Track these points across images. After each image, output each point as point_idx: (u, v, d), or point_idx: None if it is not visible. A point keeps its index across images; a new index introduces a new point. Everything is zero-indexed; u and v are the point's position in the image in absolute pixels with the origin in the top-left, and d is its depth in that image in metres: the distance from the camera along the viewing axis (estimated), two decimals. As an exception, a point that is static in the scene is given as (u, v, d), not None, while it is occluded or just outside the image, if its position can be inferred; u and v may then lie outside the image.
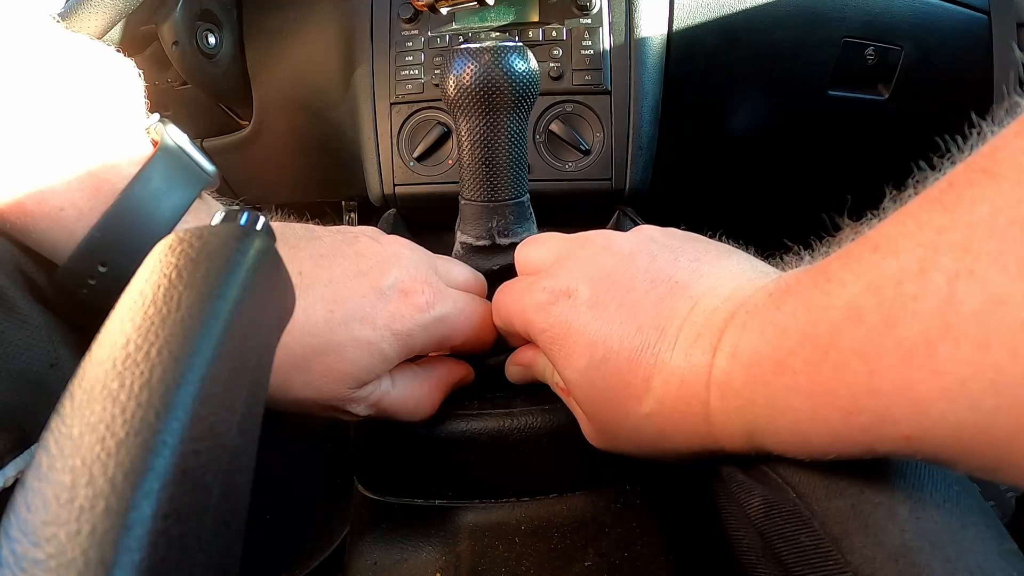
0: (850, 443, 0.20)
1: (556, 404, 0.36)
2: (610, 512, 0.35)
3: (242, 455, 0.18)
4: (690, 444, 0.26)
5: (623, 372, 0.26)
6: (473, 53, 0.34)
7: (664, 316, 0.26)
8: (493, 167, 0.37)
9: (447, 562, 0.34)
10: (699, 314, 0.25)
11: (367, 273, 0.31)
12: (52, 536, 0.14)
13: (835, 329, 0.19)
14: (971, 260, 0.16)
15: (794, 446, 0.22)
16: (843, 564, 0.20)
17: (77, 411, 0.16)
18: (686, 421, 0.25)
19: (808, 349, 0.20)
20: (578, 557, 0.33)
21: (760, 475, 0.25)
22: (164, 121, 0.30)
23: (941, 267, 0.17)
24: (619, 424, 0.27)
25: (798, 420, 0.21)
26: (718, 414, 0.24)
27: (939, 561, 0.19)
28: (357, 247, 0.33)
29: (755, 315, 0.23)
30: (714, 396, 0.24)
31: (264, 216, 0.24)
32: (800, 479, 0.23)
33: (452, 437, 0.35)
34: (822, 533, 0.21)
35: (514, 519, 0.35)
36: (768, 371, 0.21)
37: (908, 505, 0.20)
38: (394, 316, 0.31)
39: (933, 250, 0.17)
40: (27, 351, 0.27)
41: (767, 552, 0.24)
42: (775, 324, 0.22)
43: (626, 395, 0.26)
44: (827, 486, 0.22)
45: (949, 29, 0.61)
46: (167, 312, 0.18)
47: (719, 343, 0.24)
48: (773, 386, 0.21)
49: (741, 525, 0.26)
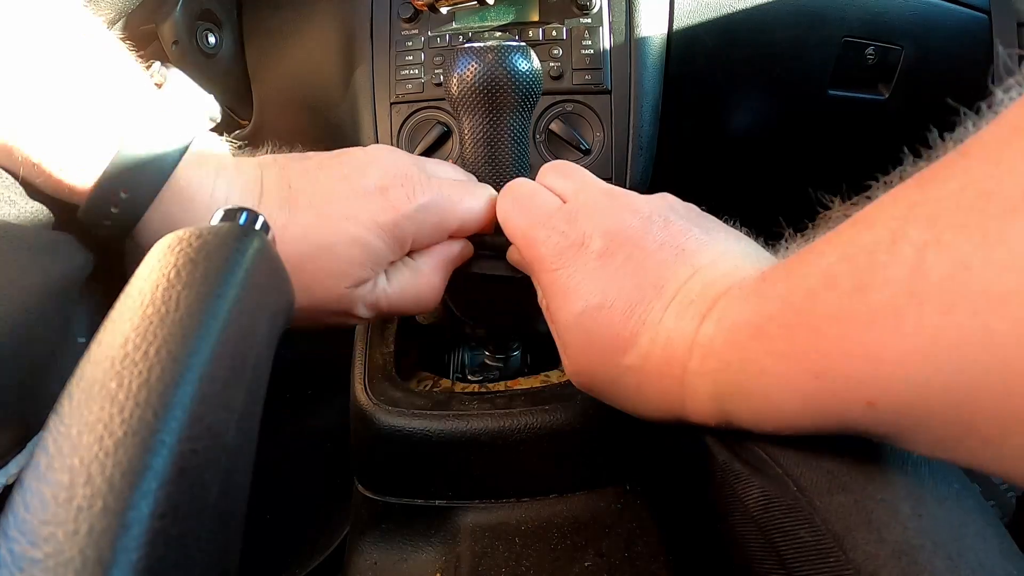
0: (817, 410, 0.21)
1: (556, 404, 0.36)
2: (610, 512, 0.35)
3: (241, 454, 0.18)
4: (660, 404, 0.27)
5: (615, 323, 0.27)
6: (477, 52, 0.34)
7: (664, 278, 0.27)
8: (496, 166, 0.37)
9: (447, 562, 0.34)
10: (697, 282, 0.26)
11: (349, 176, 0.33)
12: (50, 536, 0.14)
13: (811, 295, 0.20)
14: (939, 231, 0.17)
15: (762, 414, 0.23)
16: (845, 562, 0.20)
17: (75, 411, 0.16)
18: (662, 380, 0.26)
19: (786, 314, 0.21)
20: (578, 557, 0.33)
21: (759, 463, 0.24)
22: (167, 66, 0.32)
23: (911, 238, 0.18)
24: (598, 370, 0.29)
25: (770, 384, 0.22)
26: (693, 377, 0.25)
27: (941, 559, 0.19)
28: (342, 157, 0.35)
29: (745, 289, 0.24)
30: (694, 359, 0.25)
31: (263, 215, 0.24)
32: (802, 472, 0.23)
33: (452, 437, 0.35)
34: (824, 530, 0.21)
35: (514, 519, 0.35)
36: (747, 335, 0.22)
37: (910, 502, 0.20)
38: (377, 210, 0.33)
39: (904, 222, 0.18)
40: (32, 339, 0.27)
41: (767, 546, 0.24)
42: (759, 294, 0.23)
43: (613, 345, 0.27)
44: (830, 481, 0.22)
45: (949, 29, 0.61)
46: (166, 312, 0.18)
47: (709, 312, 0.25)
48: (750, 349, 0.22)
49: (740, 519, 0.26)
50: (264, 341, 0.21)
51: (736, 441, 0.26)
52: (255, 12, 0.61)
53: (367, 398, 0.38)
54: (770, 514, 0.23)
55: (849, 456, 0.22)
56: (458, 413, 0.36)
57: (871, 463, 0.22)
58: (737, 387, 0.23)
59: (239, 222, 0.23)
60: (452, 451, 0.36)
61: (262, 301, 0.21)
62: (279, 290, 0.23)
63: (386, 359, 0.41)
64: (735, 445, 0.26)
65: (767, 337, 0.21)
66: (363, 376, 0.39)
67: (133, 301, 0.18)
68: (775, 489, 0.23)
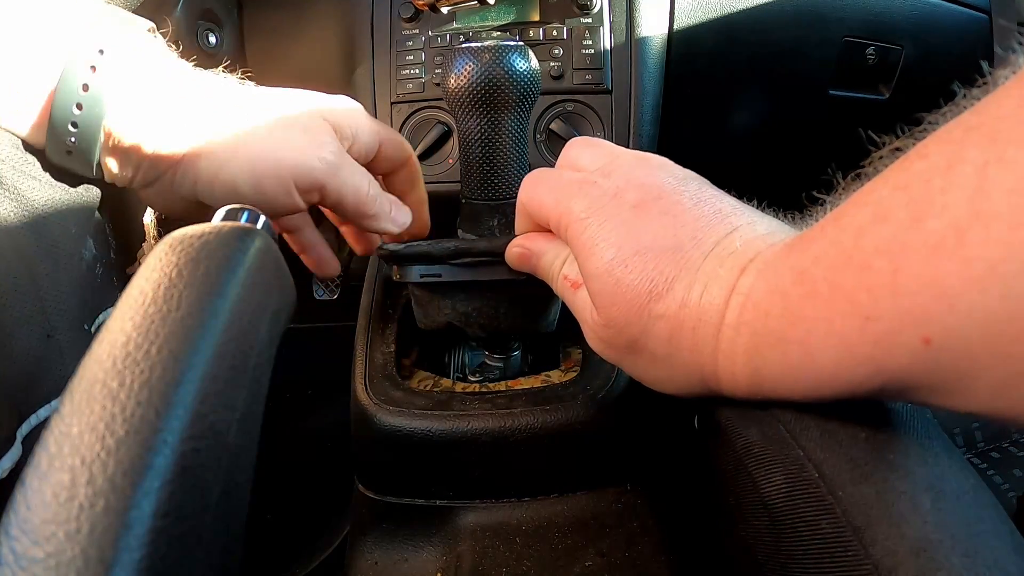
0: (860, 360, 0.19)
1: (556, 404, 0.36)
2: (611, 512, 0.35)
3: (242, 454, 0.18)
4: (688, 365, 0.26)
5: (649, 269, 0.26)
6: (474, 52, 0.34)
7: (702, 230, 0.26)
8: (494, 166, 0.37)
9: (448, 562, 0.34)
10: (736, 238, 0.25)
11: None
12: (52, 535, 0.14)
13: (860, 231, 0.19)
14: (1000, 148, 0.16)
15: (797, 371, 0.22)
16: (863, 556, 0.20)
17: (77, 410, 0.16)
18: (695, 333, 0.25)
19: (832, 255, 0.20)
20: (579, 557, 0.33)
21: (782, 444, 0.24)
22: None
23: (970, 159, 0.17)
24: (628, 322, 0.27)
25: (811, 332, 0.20)
26: (729, 330, 0.24)
27: (958, 556, 0.19)
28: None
29: (788, 242, 0.23)
30: (731, 310, 0.23)
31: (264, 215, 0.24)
32: (824, 458, 0.22)
33: (452, 437, 0.35)
34: (844, 522, 0.21)
35: (514, 519, 0.35)
36: (789, 281, 0.21)
37: (931, 495, 0.20)
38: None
39: (961, 146, 0.17)
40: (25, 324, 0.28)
41: (778, 542, 0.24)
42: (804, 240, 0.22)
43: (647, 292, 0.26)
44: (852, 470, 0.21)
45: (949, 29, 0.61)
46: (167, 311, 0.18)
47: (749, 264, 0.24)
48: (791, 296, 0.21)
49: (751, 513, 0.25)
50: (265, 340, 0.21)
51: (757, 422, 0.25)
52: (256, 12, 0.61)
53: (367, 398, 0.37)
54: (792, 502, 0.23)
55: (871, 442, 0.22)
56: (458, 413, 0.36)
57: (892, 451, 0.21)
58: (775, 339, 0.22)
59: (241, 221, 0.23)
60: (452, 451, 0.36)
61: (263, 300, 0.21)
62: (280, 289, 0.23)
63: (386, 359, 0.41)
64: (755, 426, 0.25)
65: (811, 280, 0.20)
66: (363, 376, 0.39)
67: (135, 300, 0.18)
68: (798, 478, 0.23)
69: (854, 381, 0.20)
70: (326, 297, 0.71)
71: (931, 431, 0.23)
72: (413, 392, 0.38)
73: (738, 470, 0.26)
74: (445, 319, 0.40)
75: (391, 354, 0.41)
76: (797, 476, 0.23)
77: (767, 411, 0.25)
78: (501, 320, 0.39)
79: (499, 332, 0.40)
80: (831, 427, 0.23)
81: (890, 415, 0.23)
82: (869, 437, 0.22)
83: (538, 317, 0.40)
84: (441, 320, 0.40)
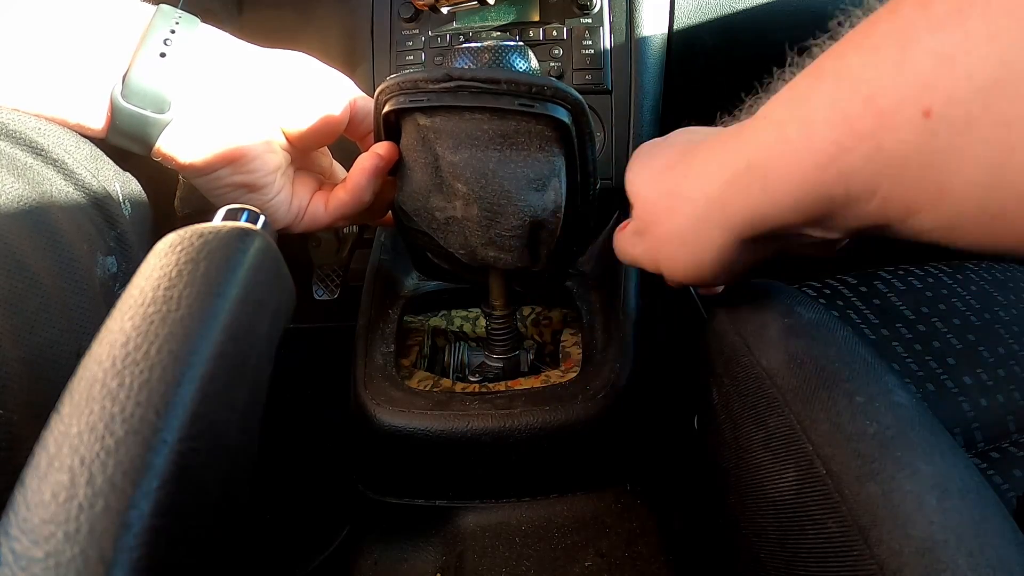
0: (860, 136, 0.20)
1: (556, 404, 0.36)
2: (610, 512, 0.35)
3: (242, 454, 0.18)
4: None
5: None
6: (473, 52, 0.34)
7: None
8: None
9: (447, 562, 0.34)
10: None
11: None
12: (51, 535, 0.14)
13: (870, 24, 0.20)
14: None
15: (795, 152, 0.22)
16: (867, 557, 0.20)
17: (77, 410, 0.16)
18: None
19: (842, 47, 0.21)
20: (579, 557, 0.33)
21: (794, 443, 0.24)
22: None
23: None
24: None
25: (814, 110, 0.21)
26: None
27: (963, 556, 0.19)
28: None
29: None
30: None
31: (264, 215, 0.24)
32: (833, 453, 0.22)
33: (452, 437, 0.35)
34: (850, 521, 0.21)
35: (514, 519, 0.35)
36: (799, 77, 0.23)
37: (936, 494, 0.20)
38: None
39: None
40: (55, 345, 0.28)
41: (782, 540, 0.24)
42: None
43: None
44: (860, 466, 0.22)
45: (950, 29, 0.61)
46: (167, 311, 0.18)
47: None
48: (798, 85, 0.22)
49: (757, 512, 0.25)
50: (265, 340, 0.21)
51: (767, 411, 0.25)
52: (256, 12, 0.61)
53: (367, 398, 0.37)
54: (801, 500, 0.23)
55: (878, 438, 0.22)
56: (458, 413, 0.36)
57: (899, 447, 0.22)
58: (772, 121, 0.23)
59: (241, 221, 0.23)
60: (452, 451, 0.36)
61: (263, 300, 0.21)
62: (280, 289, 0.23)
63: (386, 359, 0.41)
64: (766, 417, 0.25)
65: (818, 69, 0.21)
66: (363, 376, 0.39)
67: (135, 300, 0.18)
68: (808, 474, 0.23)
69: (851, 167, 0.20)
70: (326, 297, 0.71)
71: (936, 428, 0.23)
72: (413, 392, 0.38)
73: (741, 468, 0.26)
74: (427, 187, 0.36)
75: (391, 354, 0.41)
76: (807, 472, 0.23)
77: (774, 407, 0.25)
78: (490, 181, 0.34)
79: (491, 211, 0.35)
80: (840, 421, 0.23)
81: (897, 411, 0.23)
82: (877, 432, 0.22)
83: (533, 194, 0.36)
84: (422, 199, 0.36)
